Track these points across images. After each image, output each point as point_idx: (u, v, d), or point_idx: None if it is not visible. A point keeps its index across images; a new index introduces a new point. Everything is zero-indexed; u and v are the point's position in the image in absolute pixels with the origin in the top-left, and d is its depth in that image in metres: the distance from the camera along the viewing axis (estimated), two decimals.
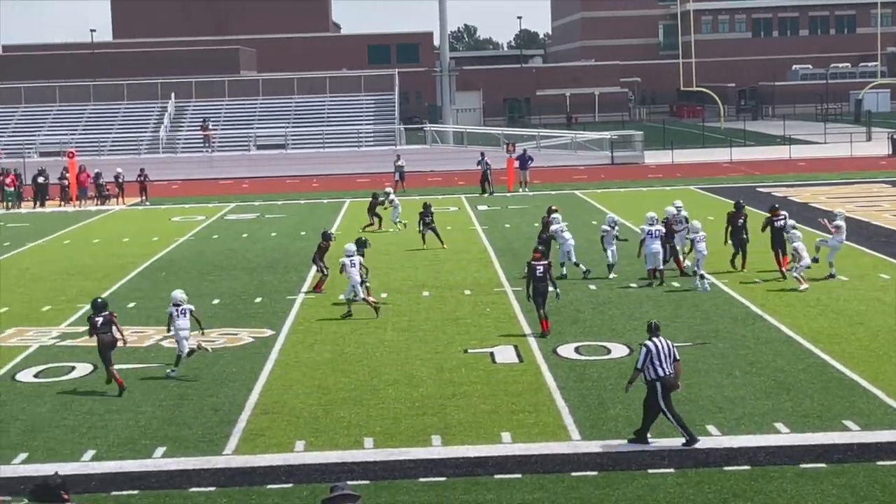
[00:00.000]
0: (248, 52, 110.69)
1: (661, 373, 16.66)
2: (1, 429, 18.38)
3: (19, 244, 41.22)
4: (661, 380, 16.66)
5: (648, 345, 16.77)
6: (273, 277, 32.09)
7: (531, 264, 24.19)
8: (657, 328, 17.10)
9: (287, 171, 68.68)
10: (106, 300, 21.54)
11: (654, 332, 16.99)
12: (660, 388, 16.65)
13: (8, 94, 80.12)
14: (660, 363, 16.68)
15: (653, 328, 17.09)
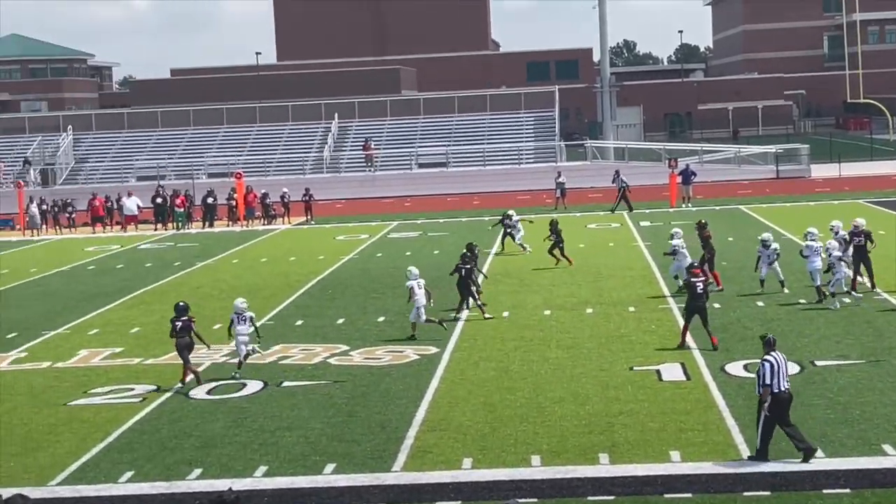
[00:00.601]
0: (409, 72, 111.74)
1: (775, 388, 16.53)
2: (176, 445, 18.81)
3: (189, 264, 42.20)
4: (775, 395, 16.53)
5: (769, 359, 16.66)
6: (440, 296, 32.22)
7: (690, 282, 24.22)
8: (774, 343, 17.00)
9: (448, 188, 69.09)
10: (188, 304, 23.50)
11: (772, 347, 16.88)
12: (769, 403, 16.52)
13: (177, 117, 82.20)
14: (778, 379, 16.56)
15: (770, 343, 16.98)
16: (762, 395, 16.69)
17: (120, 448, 18.78)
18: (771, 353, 16.80)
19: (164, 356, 25.55)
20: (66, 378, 23.97)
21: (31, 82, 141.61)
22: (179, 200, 57.65)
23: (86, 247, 49.74)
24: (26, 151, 76.99)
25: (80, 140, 79.07)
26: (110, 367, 24.81)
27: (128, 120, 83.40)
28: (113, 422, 20.27)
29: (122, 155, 77.30)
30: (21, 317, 31.49)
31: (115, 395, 22.26)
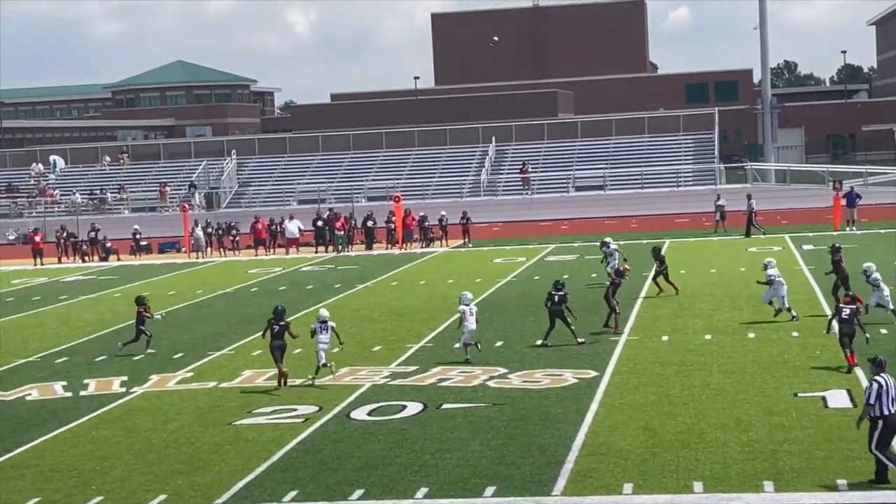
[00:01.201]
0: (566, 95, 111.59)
1: (885, 411, 16.36)
2: (338, 465, 19.02)
3: (349, 286, 42.71)
4: (885, 418, 16.36)
5: (879, 380, 16.52)
6: (595, 318, 32.07)
7: (839, 306, 24.37)
8: (884, 364, 16.82)
9: (605, 211, 68.79)
10: (285, 308, 25.94)
11: (882, 368, 16.71)
12: (881, 426, 16.37)
13: (337, 142, 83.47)
14: (887, 401, 16.39)
15: (881, 364, 16.82)
16: (863, 413, 16.62)
17: (283, 467, 19.07)
18: (881, 374, 16.59)
19: (326, 377, 25.88)
20: (230, 398, 24.44)
21: (195, 108, 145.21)
22: (340, 223, 58.44)
23: (249, 269, 50.71)
24: (192, 176, 78.90)
25: (243, 164, 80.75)
26: (273, 388, 25.21)
27: (289, 144, 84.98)
28: (276, 442, 20.60)
29: (283, 179, 78.72)
30: (187, 337, 32.20)
31: (278, 416, 22.62)
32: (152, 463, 19.69)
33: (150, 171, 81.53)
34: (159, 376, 27.09)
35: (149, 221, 69.40)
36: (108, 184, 78.89)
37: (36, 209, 75.79)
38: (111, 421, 22.91)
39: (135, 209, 75.56)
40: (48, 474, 19.30)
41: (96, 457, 20.22)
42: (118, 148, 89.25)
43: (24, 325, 36.97)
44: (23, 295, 45.40)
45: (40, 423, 22.88)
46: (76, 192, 77.38)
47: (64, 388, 26.17)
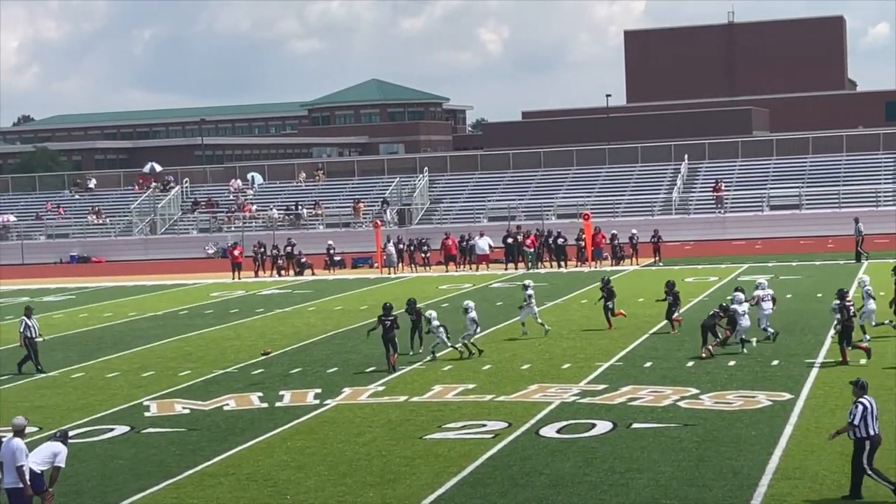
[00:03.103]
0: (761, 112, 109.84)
1: (871, 431, 17.02)
2: (527, 482, 19.04)
3: (538, 303, 42.68)
4: (871, 438, 17.01)
5: (864, 402, 17.13)
6: (790, 340, 31.50)
7: None
8: (866, 387, 17.45)
9: (801, 231, 67.40)
10: (392, 305, 29.49)
11: (865, 391, 17.34)
12: (868, 447, 16.99)
13: (527, 159, 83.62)
14: (872, 421, 17.04)
15: (863, 386, 17.41)
16: (842, 429, 17.41)
17: (473, 483, 19.17)
18: (864, 396, 17.24)
19: (516, 393, 25.97)
20: (421, 412, 24.69)
21: (389, 125, 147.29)
22: (530, 240, 58.56)
23: (439, 285, 51.17)
24: (384, 192, 79.97)
25: (435, 181, 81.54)
26: (463, 403, 25.39)
27: (480, 162, 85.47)
28: (466, 457, 20.72)
29: (474, 196, 79.20)
30: (379, 352, 32.62)
31: (468, 431, 22.75)
32: (345, 475, 20.01)
33: (345, 187, 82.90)
34: (352, 389, 27.53)
35: (342, 237, 70.61)
36: (304, 199, 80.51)
37: (234, 224, 77.78)
38: (305, 432, 23.37)
39: (329, 225, 76.90)
40: (244, 483, 19.78)
41: (291, 467, 20.65)
42: (314, 164, 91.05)
43: (223, 336, 37.98)
44: (221, 307, 46.65)
45: (237, 433, 23.46)
46: (273, 208, 79.20)
47: (260, 399, 26.80)
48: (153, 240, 78.97)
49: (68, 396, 28.24)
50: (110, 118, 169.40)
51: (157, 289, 55.59)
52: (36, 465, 17.09)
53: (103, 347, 36.15)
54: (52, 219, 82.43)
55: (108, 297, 52.92)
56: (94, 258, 76.58)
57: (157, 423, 24.89)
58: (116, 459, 21.69)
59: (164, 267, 68.30)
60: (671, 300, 33.90)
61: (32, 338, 31.69)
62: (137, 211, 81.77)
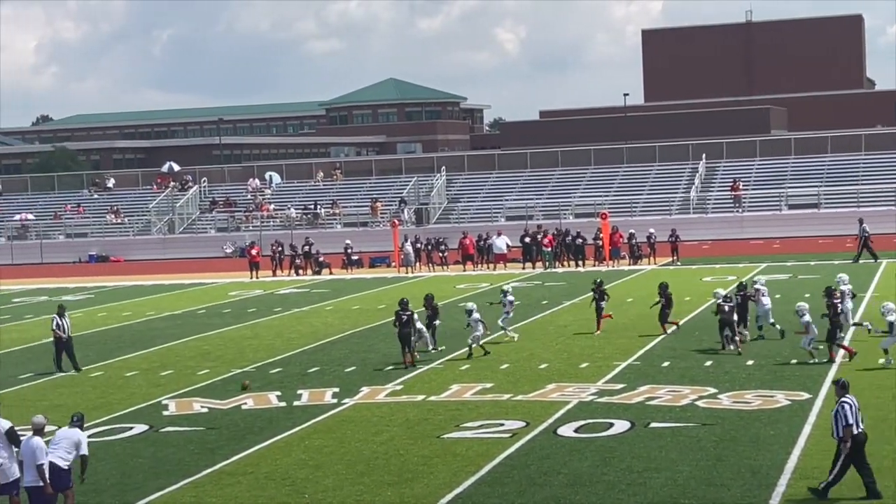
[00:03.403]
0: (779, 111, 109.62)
1: (855, 430, 17.15)
2: (545, 481, 19.05)
3: (557, 303, 42.76)
4: (854, 437, 17.14)
5: (848, 401, 17.32)
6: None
7: None
8: (847, 386, 17.71)
9: (820, 230, 67.24)
10: (408, 300, 30.04)
11: (846, 390, 17.55)
12: (850, 444, 17.11)
13: (545, 158, 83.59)
14: (857, 420, 17.23)
15: (844, 386, 17.64)
16: (845, 435, 17.21)
17: (491, 482, 19.18)
18: (847, 395, 17.39)
19: (533, 392, 25.97)
20: (439, 411, 24.70)
21: (406, 125, 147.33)
22: (547, 240, 58.53)
23: (457, 284, 51.19)
24: (402, 191, 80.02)
25: (452, 180, 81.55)
26: (481, 402, 25.41)
27: (498, 161, 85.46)
28: (484, 456, 20.74)
29: (491, 195, 79.20)
30: (397, 351, 32.64)
31: (485, 430, 22.77)
32: (363, 473, 20.04)
33: (362, 186, 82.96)
34: (370, 388, 27.56)
35: (360, 236, 70.69)
36: (322, 199, 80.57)
37: (252, 223, 77.92)
38: (324, 431, 23.41)
39: (347, 224, 76.97)
40: (263, 482, 19.83)
41: (309, 466, 20.69)
42: (331, 164, 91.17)
43: (241, 336, 38.06)
44: (239, 306, 46.74)
45: (256, 432, 23.52)
46: (291, 207, 79.32)
47: (278, 398, 26.84)
48: (171, 239, 79.16)
49: (87, 395, 28.35)
50: (129, 118, 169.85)
51: (176, 288, 55.72)
52: (62, 460, 17.18)
53: (122, 346, 36.26)
54: (71, 218, 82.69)
55: (126, 296, 53.07)
56: (113, 257, 76.81)
57: (176, 422, 24.96)
58: (135, 458, 21.77)
59: (183, 266, 68.46)
60: (664, 302, 33.66)
61: (63, 337, 31.56)
62: (156, 210, 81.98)
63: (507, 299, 33.97)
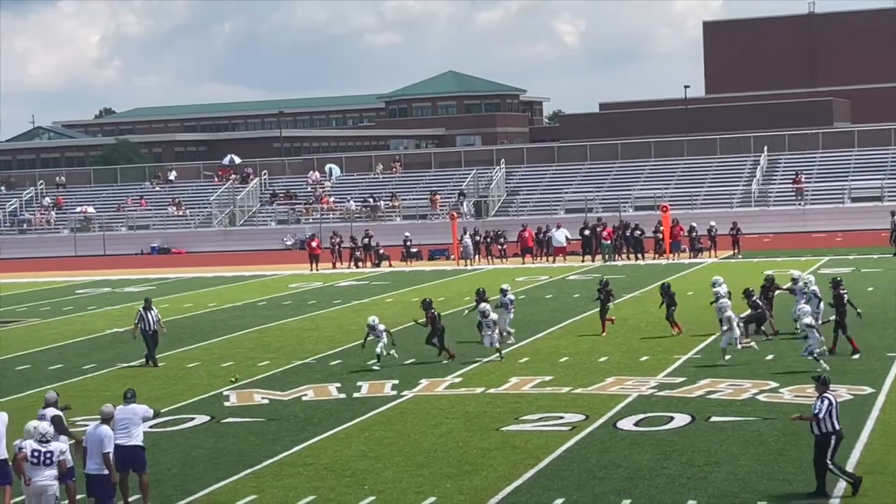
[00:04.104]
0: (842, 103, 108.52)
1: (836, 426, 17.31)
2: (605, 475, 19.00)
3: (616, 296, 42.50)
4: (837, 433, 17.30)
5: (829, 397, 17.39)
6: (871, 333, 31.13)
7: None
8: (828, 382, 17.80)
9: (883, 223, 66.34)
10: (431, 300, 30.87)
11: (827, 386, 17.64)
12: (833, 442, 17.27)
13: (605, 151, 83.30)
14: (836, 417, 17.34)
15: (825, 382, 17.72)
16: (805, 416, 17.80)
17: (550, 475, 19.17)
18: (828, 392, 17.52)
19: (593, 386, 25.91)
20: (498, 404, 24.71)
21: (466, 117, 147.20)
22: (606, 232, 58.34)
23: (516, 277, 51.13)
24: (461, 184, 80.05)
25: (511, 173, 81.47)
26: (540, 395, 25.39)
27: (557, 153, 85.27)
28: (543, 449, 20.72)
29: (551, 187, 79.04)
30: (454, 344, 32.68)
31: (544, 423, 22.75)
32: (422, 465, 20.09)
33: (421, 179, 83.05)
34: (429, 381, 27.62)
35: (419, 228, 70.76)
36: (381, 191, 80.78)
37: (312, 216, 78.23)
38: (383, 423, 23.48)
39: (406, 216, 77.11)
40: (323, 473, 19.93)
41: (369, 457, 20.76)
42: (391, 156, 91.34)
43: (301, 327, 38.24)
44: (299, 298, 46.96)
45: (316, 423, 23.63)
46: (350, 200, 79.57)
47: (338, 390, 26.95)
48: (232, 231, 79.67)
49: (149, 385, 28.60)
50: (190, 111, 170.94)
51: (237, 280, 56.09)
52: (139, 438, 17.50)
53: (184, 338, 36.55)
54: (133, 210, 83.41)
55: (188, 287, 53.49)
56: (175, 249, 77.42)
57: (237, 413, 25.14)
58: (197, 449, 21.95)
59: (243, 258, 68.89)
60: (667, 301, 33.15)
61: (146, 330, 31.17)
62: (217, 202, 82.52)
63: (506, 298, 33.08)
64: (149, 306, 31.65)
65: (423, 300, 31.28)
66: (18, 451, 16.93)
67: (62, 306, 47.72)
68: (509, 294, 33.40)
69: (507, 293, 33.27)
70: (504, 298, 33.01)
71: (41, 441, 16.78)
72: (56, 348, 35.91)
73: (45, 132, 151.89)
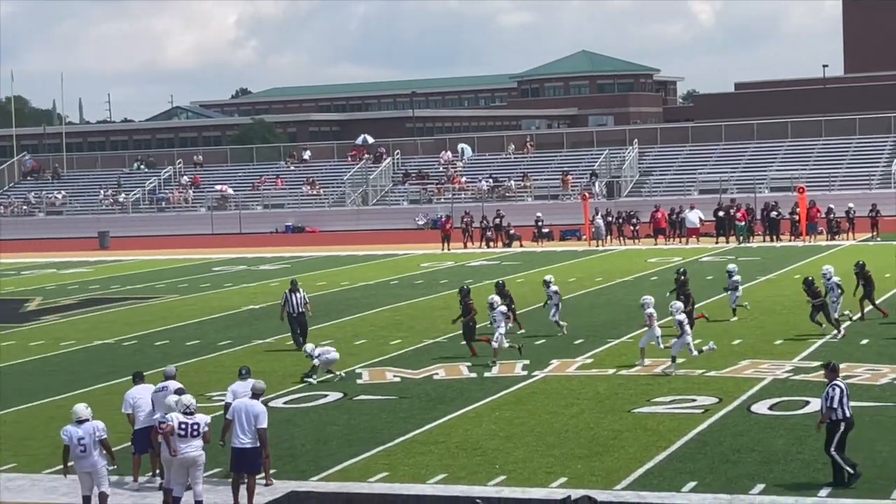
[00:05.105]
0: None
1: (846, 414, 17.10)
2: (738, 458, 18.80)
3: (750, 278, 42.04)
4: (846, 420, 17.08)
5: (839, 385, 17.19)
6: None
7: None
8: (838, 369, 17.60)
9: None
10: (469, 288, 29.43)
11: (836, 374, 17.42)
12: (843, 428, 17.06)
13: (740, 131, 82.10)
14: (846, 404, 17.14)
15: (834, 369, 17.49)
16: (824, 417, 17.26)
17: (682, 457, 19.03)
18: (837, 379, 17.32)
19: (726, 369, 25.64)
20: (629, 386, 24.59)
21: (598, 97, 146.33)
22: (741, 214, 57.61)
23: (648, 258, 50.77)
24: (593, 165, 79.61)
25: (644, 153, 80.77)
26: (672, 377, 25.18)
27: (691, 134, 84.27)
28: (675, 431, 20.57)
29: (684, 168, 78.19)
30: (586, 324, 32.62)
31: (677, 405, 22.58)
32: (553, 446, 20.08)
33: (553, 159, 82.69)
34: (559, 361, 27.58)
35: (550, 209, 70.52)
36: (513, 171, 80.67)
37: (444, 195, 78.48)
38: (514, 403, 23.52)
39: (537, 197, 76.87)
40: (454, 451, 20.03)
41: (499, 437, 20.81)
42: (522, 136, 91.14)
43: (433, 306, 38.45)
44: (431, 278, 47.21)
45: (447, 402, 23.76)
46: (482, 180, 79.66)
47: (469, 369, 27.04)
48: (365, 210, 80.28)
49: (283, 362, 29.01)
50: (324, 91, 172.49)
51: (369, 259, 56.59)
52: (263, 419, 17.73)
53: (317, 316, 36.77)
54: (268, 189, 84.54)
55: (321, 266, 54.11)
56: (309, 228, 78.28)
57: (369, 390, 25.38)
58: (330, 425, 22.22)
59: (376, 237, 69.44)
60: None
61: (292, 313, 30.48)
62: (350, 182, 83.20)
63: (550, 290, 31.54)
64: (295, 288, 30.77)
65: (461, 288, 30.09)
66: (160, 425, 17.29)
67: (199, 283, 48.64)
68: (552, 286, 31.75)
69: (550, 285, 31.70)
70: (548, 290, 31.62)
71: (186, 413, 17.14)
72: (194, 324, 36.63)
73: (184, 112, 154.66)
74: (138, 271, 55.12)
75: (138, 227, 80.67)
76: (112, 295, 45.83)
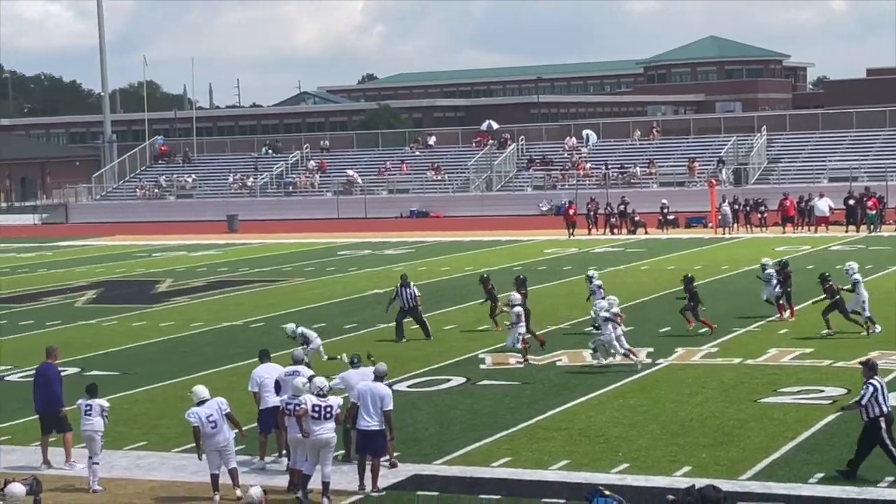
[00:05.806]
0: None
1: (885, 409, 17.08)
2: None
3: (881, 267, 41.29)
4: (886, 416, 17.07)
5: (874, 383, 17.20)
6: None
7: None
8: (876, 367, 17.61)
9: None
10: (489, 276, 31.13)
11: (875, 371, 17.44)
12: (884, 424, 17.05)
13: (872, 118, 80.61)
14: (885, 400, 17.14)
15: (873, 367, 17.54)
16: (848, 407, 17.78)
17: (809, 449, 18.78)
18: (875, 377, 17.31)
19: (855, 360, 25.19)
20: (755, 375, 24.31)
21: (726, 83, 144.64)
22: (872, 202, 56.51)
23: (776, 246, 50.08)
24: (720, 151, 78.71)
25: (773, 140, 79.64)
26: (800, 368, 24.86)
27: (821, 120, 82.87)
28: (802, 422, 20.31)
29: (814, 155, 76.95)
30: (712, 312, 32.25)
31: (804, 396, 22.28)
32: (677, 434, 19.95)
33: (679, 146, 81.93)
34: (684, 349, 27.37)
35: (676, 196, 69.86)
36: (638, 158, 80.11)
37: (568, 182, 78.21)
38: (637, 390, 23.41)
39: (662, 183, 76.26)
40: (577, 437, 20.02)
41: (623, 424, 20.74)
42: (648, 123, 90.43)
43: (555, 293, 38.38)
44: (555, 264, 47.13)
45: (570, 388, 23.74)
46: (607, 166, 79.24)
47: (592, 356, 26.93)
48: (489, 196, 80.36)
49: (406, 346, 29.22)
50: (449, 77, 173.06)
51: (493, 244, 56.64)
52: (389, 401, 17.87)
53: (440, 300, 37.13)
54: (394, 174, 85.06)
55: (445, 251, 54.31)
56: (433, 213, 78.61)
57: (492, 375, 25.45)
58: (453, 410, 22.33)
59: (499, 223, 69.44)
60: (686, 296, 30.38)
61: (404, 307, 30.21)
62: (474, 168, 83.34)
63: (593, 285, 30.60)
64: (405, 283, 30.58)
65: (482, 276, 29.93)
66: (291, 406, 17.36)
67: (325, 267, 49.16)
68: (595, 280, 31.02)
69: (593, 280, 30.95)
70: (591, 285, 30.81)
71: (319, 395, 17.34)
72: (319, 307, 37.03)
73: (311, 97, 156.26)
74: (266, 254, 55.91)
75: (266, 210, 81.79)
76: (240, 277, 46.55)
